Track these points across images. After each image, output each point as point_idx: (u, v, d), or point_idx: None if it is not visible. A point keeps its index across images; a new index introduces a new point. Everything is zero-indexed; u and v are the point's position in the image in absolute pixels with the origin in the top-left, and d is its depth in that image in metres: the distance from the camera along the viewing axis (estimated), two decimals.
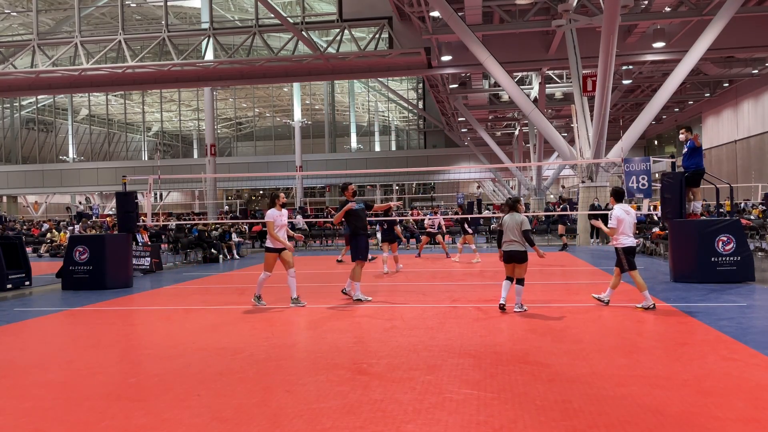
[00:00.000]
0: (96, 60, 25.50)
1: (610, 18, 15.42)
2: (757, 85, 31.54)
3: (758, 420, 3.82)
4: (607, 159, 19.61)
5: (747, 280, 9.93)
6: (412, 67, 25.80)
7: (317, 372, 5.16)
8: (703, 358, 5.30)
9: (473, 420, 3.92)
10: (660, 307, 7.91)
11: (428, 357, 5.57)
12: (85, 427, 3.99)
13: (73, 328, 7.64)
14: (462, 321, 7.28)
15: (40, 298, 10.59)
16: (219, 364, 5.48)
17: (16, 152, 56.31)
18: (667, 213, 10.81)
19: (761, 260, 13.61)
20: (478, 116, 38.97)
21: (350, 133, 57.35)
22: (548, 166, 39.51)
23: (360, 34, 30.34)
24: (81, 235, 14.84)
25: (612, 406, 4.11)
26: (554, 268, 13.58)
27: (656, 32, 22.59)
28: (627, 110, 41.18)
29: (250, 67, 26.41)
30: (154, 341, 6.67)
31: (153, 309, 9.11)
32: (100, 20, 41.49)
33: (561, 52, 22.62)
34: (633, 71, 29.03)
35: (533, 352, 5.67)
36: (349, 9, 24.20)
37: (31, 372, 5.40)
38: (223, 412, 4.19)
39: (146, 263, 14.77)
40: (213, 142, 35.62)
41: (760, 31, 22.18)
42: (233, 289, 11.17)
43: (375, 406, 4.22)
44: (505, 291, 7.95)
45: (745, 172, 32.86)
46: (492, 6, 20.79)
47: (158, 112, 59.69)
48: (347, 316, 7.88)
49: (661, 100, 19.89)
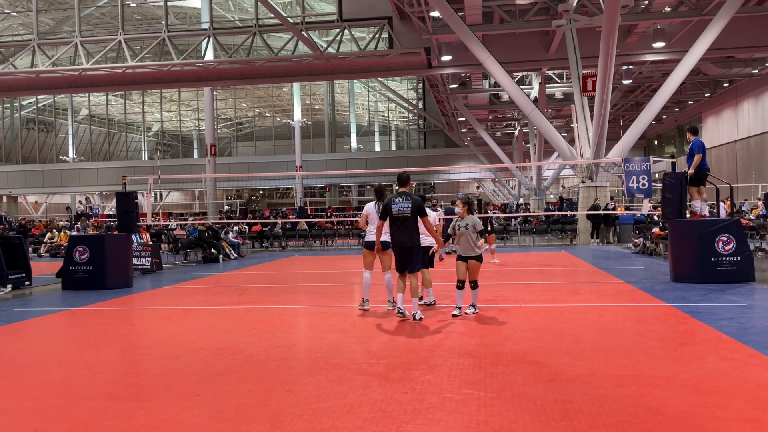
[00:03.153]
0: (96, 60, 25.50)
1: (610, 18, 15.41)
2: (757, 85, 31.52)
3: (758, 420, 3.82)
4: (607, 159, 19.61)
5: (747, 280, 9.92)
6: (412, 67, 25.80)
7: (317, 372, 5.15)
8: (703, 358, 5.30)
9: (473, 420, 3.92)
10: (660, 307, 7.91)
11: (428, 357, 5.57)
12: (85, 427, 3.99)
13: (73, 328, 7.64)
14: (462, 321, 7.28)
15: (40, 298, 10.59)
16: (219, 364, 5.48)
17: (16, 152, 56.31)
18: (667, 213, 10.81)
19: (761, 260, 13.61)
20: (478, 116, 38.96)
21: (350, 133, 57.36)
22: (548, 166, 39.51)
23: (360, 34, 30.33)
24: (81, 235, 14.86)
25: (612, 406, 4.11)
26: (554, 268, 13.58)
27: (656, 32, 22.58)
28: (627, 110, 41.16)
29: (250, 67, 26.40)
30: (154, 341, 6.67)
31: (153, 309, 9.11)
32: (100, 20, 41.51)
33: (561, 52, 22.62)
34: (633, 71, 29.02)
35: (533, 352, 5.67)
36: (349, 9, 24.20)
37: (31, 372, 5.39)
38: (223, 412, 4.19)
39: (146, 263, 14.78)
40: (213, 142, 35.62)
41: (760, 31, 22.17)
42: (233, 289, 11.17)
43: (375, 406, 4.22)
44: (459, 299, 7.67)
45: (745, 172, 32.84)
46: (492, 6, 20.78)
47: (158, 112, 59.68)
48: (347, 317, 7.87)
49: (661, 100, 19.89)
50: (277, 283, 11.71)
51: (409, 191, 7.38)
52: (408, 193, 7.28)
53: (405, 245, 7.18)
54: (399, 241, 7.20)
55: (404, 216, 7.11)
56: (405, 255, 7.25)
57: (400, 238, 7.18)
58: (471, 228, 7.35)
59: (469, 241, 7.38)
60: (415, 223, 7.17)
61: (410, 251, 7.23)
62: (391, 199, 7.22)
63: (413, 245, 7.21)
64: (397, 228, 7.17)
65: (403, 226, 7.14)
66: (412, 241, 7.18)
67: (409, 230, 7.14)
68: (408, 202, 7.15)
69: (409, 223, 7.13)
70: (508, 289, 10.12)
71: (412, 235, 7.16)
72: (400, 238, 7.17)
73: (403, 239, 7.16)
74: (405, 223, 7.13)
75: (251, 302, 9.37)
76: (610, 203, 21.73)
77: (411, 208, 7.12)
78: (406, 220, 7.12)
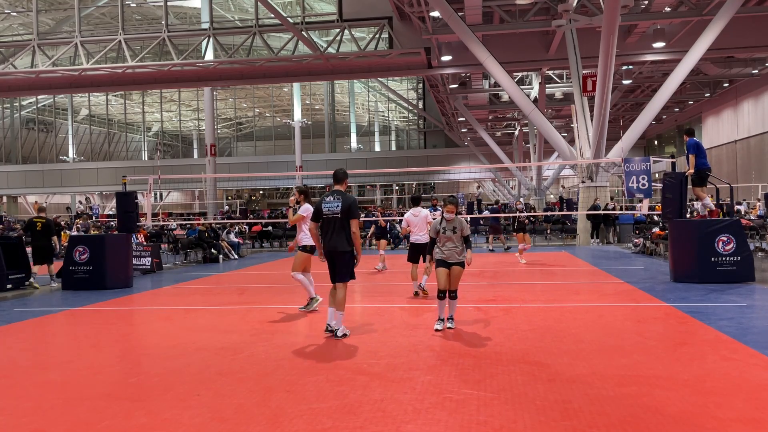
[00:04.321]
0: (96, 60, 25.50)
1: (610, 18, 15.41)
2: (757, 85, 31.52)
3: (758, 420, 3.82)
4: (607, 159, 19.61)
5: (747, 280, 9.92)
6: (412, 67, 25.80)
7: (317, 372, 5.16)
8: (703, 358, 5.30)
9: (473, 420, 3.92)
10: (660, 307, 7.91)
11: (428, 357, 5.57)
12: (85, 427, 3.99)
13: (73, 328, 7.64)
14: (462, 321, 7.27)
15: (40, 298, 10.59)
16: (219, 364, 5.48)
17: (16, 152, 56.31)
18: (667, 213, 10.81)
19: (761, 260, 13.61)
20: (478, 116, 38.96)
21: (350, 133, 57.37)
22: (548, 166, 39.51)
23: (360, 34, 30.34)
24: (81, 235, 14.85)
25: (612, 406, 4.11)
26: (554, 268, 13.58)
27: (656, 32, 22.59)
28: (627, 110, 41.17)
29: (250, 67, 26.40)
30: (154, 341, 6.67)
31: (153, 309, 9.11)
32: (100, 20, 41.52)
33: (561, 52, 22.62)
34: (633, 71, 29.02)
35: (533, 352, 5.67)
36: (349, 9, 24.20)
37: (31, 372, 5.40)
38: (223, 412, 4.19)
39: (146, 263, 14.78)
40: (213, 142, 35.64)
41: (760, 31, 22.17)
42: (233, 289, 11.17)
43: (375, 406, 4.22)
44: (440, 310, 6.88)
45: (745, 172, 32.84)
46: (492, 6, 20.79)
47: (158, 112, 59.70)
48: (347, 317, 7.87)
49: (661, 100, 19.89)
50: (277, 283, 11.71)
51: (345, 190, 6.59)
52: (341, 192, 6.50)
53: (335, 250, 6.41)
54: (330, 245, 6.43)
55: (334, 217, 6.37)
56: (334, 261, 6.48)
57: (331, 243, 6.42)
58: (459, 232, 6.62)
59: (454, 245, 6.63)
60: (345, 225, 6.38)
61: (340, 257, 6.43)
62: (323, 199, 6.53)
63: (344, 250, 6.39)
64: (328, 231, 6.44)
65: (333, 228, 6.39)
66: (343, 245, 6.37)
67: (338, 233, 6.37)
68: (338, 202, 6.38)
69: (339, 225, 6.37)
70: (508, 289, 10.12)
71: (342, 239, 6.37)
72: (331, 242, 6.42)
73: (333, 243, 6.40)
74: (336, 225, 6.37)
75: (251, 302, 9.38)
76: (610, 203, 21.73)
77: (341, 207, 6.35)
78: (336, 222, 6.37)
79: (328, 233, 6.44)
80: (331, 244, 6.42)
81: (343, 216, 6.35)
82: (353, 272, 6.57)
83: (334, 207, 6.38)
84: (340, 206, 6.36)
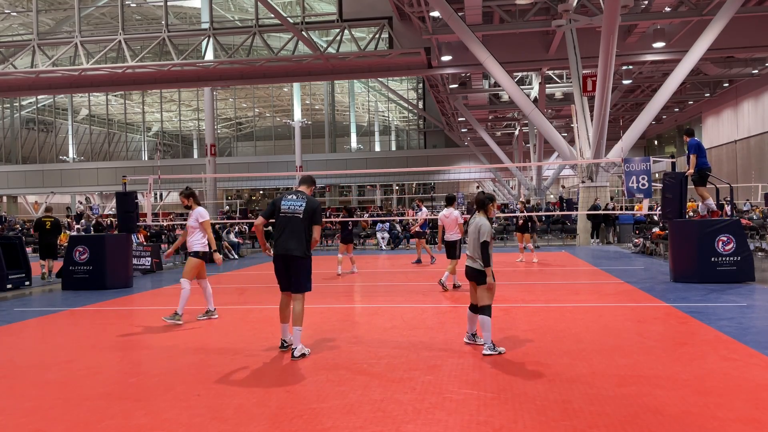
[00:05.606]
0: (96, 60, 25.50)
1: (610, 18, 15.41)
2: (757, 85, 31.53)
3: (758, 420, 3.82)
4: (607, 159, 19.61)
5: (747, 280, 9.93)
6: (412, 67, 25.80)
7: (317, 372, 5.16)
8: (703, 358, 5.30)
9: (473, 420, 3.92)
10: (660, 307, 7.91)
11: (428, 357, 5.57)
12: (85, 427, 3.99)
13: (73, 328, 7.64)
14: (462, 321, 7.26)
15: (40, 298, 10.59)
16: (219, 364, 5.48)
17: (16, 152, 56.31)
18: (667, 213, 10.81)
19: (761, 260, 13.61)
20: (478, 116, 38.97)
21: (350, 133, 57.39)
22: (548, 166, 39.51)
23: (360, 34, 30.33)
24: (81, 235, 14.86)
25: (612, 406, 4.11)
26: (554, 268, 13.58)
27: (656, 32, 22.59)
28: (627, 110, 41.18)
29: (250, 67, 26.40)
30: (154, 341, 6.67)
31: (153, 309, 9.10)
32: (100, 20, 41.52)
33: (561, 52, 22.63)
34: (633, 71, 29.02)
35: (533, 352, 5.67)
36: (349, 9, 24.20)
37: (31, 372, 5.40)
38: (223, 412, 4.19)
39: (146, 263, 14.78)
40: (213, 142, 35.63)
41: (760, 31, 22.17)
42: (233, 289, 11.17)
43: (375, 406, 4.22)
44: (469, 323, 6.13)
45: (745, 172, 32.85)
46: (492, 6, 20.79)
47: (158, 112, 59.70)
48: (347, 316, 7.88)
49: (661, 100, 19.90)
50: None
51: (310, 195, 6.06)
52: (305, 194, 5.95)
53: (290, 254, 5.70)
54: (283, 248, 5.72)
55: (294, 217, 5.74)
56: (288, 267, 5.77)
57: (286, 245, 5.71)
58: (475, 233, 5.80)
59: (474, 247, 5.82)
60: (306, 228, 5.76)
61: (295, 262, 5.73)
62: (284, 195, 5.91)
63: (301, 255, 5.72)
64: (283, 231, 5.76)
65: (291, 229, 5.73)
66: (301, 250, 5.71)
67: (297, 236, 5.71)
68: (302, 201, 5.79)
69: (298, 226, 5.72)
70: (508, 289, 10.12)
71: (300, 243, 5.71)
72: (286, 244, 5.72)
73: (288, 246, 5.70)
74: (293, 226, 5.73)
75: (251, 302, 9.38)
76: (610, 203, 21.74)
77: (304, 208, 5.75)
78: (295, 222, 5.73)
79: (283, 234, 5.75)
80: (285, 247, 5.73)
81: (306, 218, 5.76)
82: (311, 282, 5.91)
83: (296, 205, 5.77)
84: (304, 207, 5.77)
